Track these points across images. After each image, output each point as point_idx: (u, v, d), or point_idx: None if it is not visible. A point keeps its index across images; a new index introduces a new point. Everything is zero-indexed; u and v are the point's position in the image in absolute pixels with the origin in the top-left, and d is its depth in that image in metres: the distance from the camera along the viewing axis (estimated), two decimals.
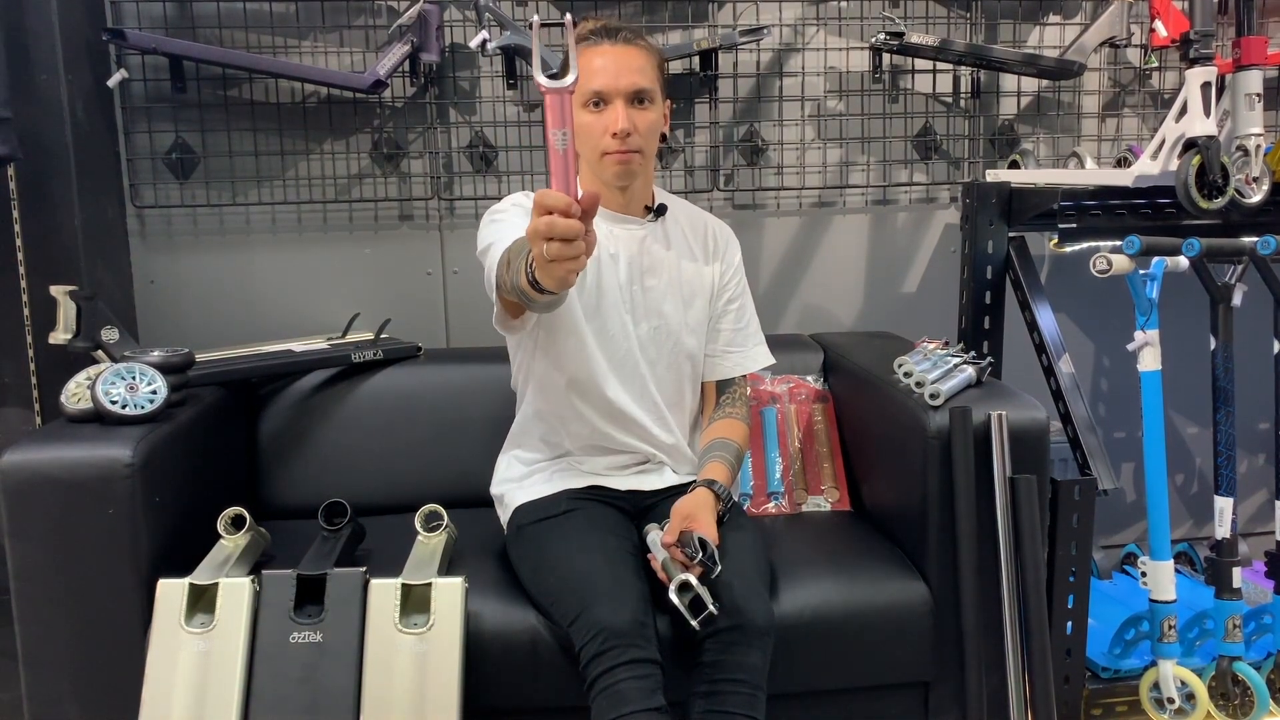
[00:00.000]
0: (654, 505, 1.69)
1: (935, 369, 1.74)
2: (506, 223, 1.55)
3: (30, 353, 2.07)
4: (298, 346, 2.08)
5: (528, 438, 1.77)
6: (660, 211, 1.71)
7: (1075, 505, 1.78)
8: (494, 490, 1.81)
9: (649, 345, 1.68)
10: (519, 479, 1.75)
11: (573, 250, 1.15)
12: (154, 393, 1.64)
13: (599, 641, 1.39)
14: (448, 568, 1.64)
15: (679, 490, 1.68)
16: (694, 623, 1.40)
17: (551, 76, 1.16)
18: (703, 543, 1.44)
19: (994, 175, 2.37)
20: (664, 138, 1.69)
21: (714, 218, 1.81)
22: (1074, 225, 2.09)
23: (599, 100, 1.56)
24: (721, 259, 1.76)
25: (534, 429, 1.75)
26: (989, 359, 1.83)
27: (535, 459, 1.76)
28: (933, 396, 1.67)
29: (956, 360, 1.77)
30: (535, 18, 1.35)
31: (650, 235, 1.69)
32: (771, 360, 1.80)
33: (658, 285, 1.68)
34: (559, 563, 1.54)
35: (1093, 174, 2.23)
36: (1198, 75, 1.90)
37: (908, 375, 1.75)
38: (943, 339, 1.88)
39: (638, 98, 1.57)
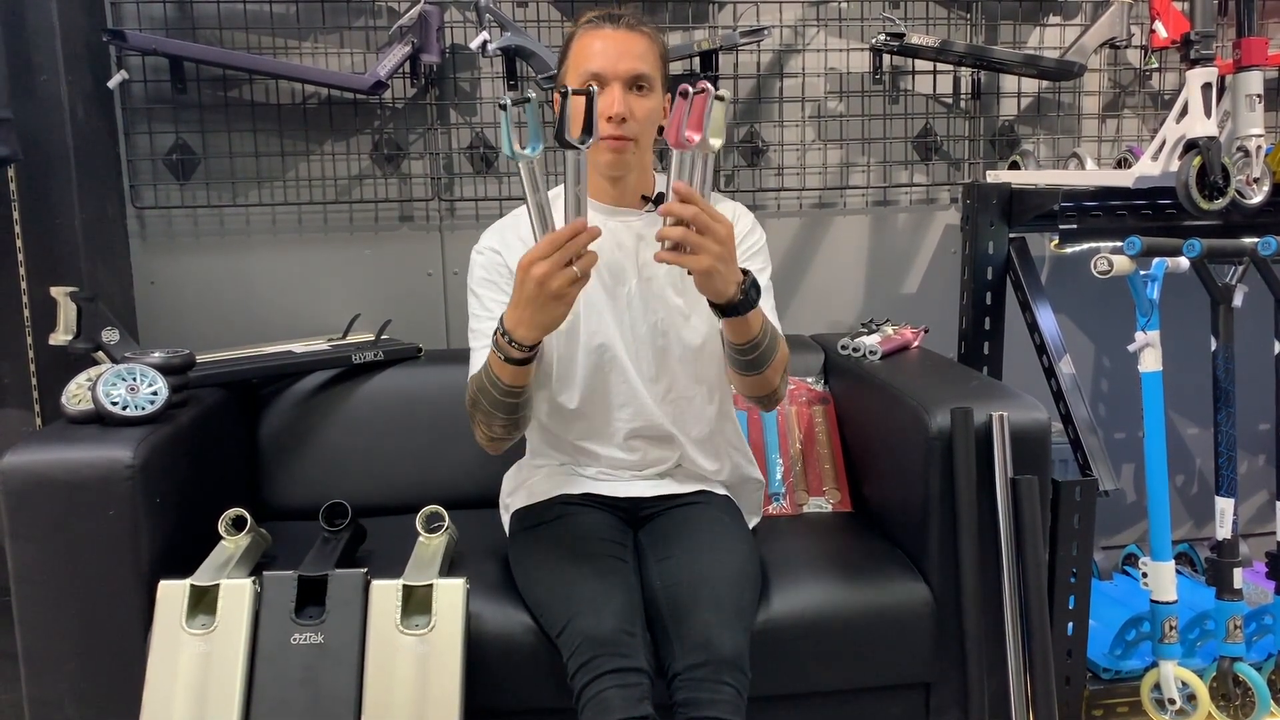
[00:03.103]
0: (655, 514, 1.67)
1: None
2: (483, 314, 1.60)
3: (30, 354, 2.07)
4: (298, 347, 2.08)
5: (534, 442, 1.76)
6: (659, 200, 1.61)
7: (1076, 506, 1.78)
8: (501, 496, 1.81)
9: (656, 338, 1.63)
10: (518, 485, 1.75)
11: (569, 274, 1.31)
12: (154, 394, 1.64)
13: (584, 652, 1.38)
14: (449, 569, 1.63)
15: (681, 499, 1.68)
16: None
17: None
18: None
19: (994, 176, 2.37)
20: (662, 130, 1.62)
21: (731, 201, 1.72)
22: (1074, 226, 2.10)
23: (595, 83, 1.50)
24: None
25: (538, 434, 1.73)
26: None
27: (540, 464, 1.74)
28: (872, 352, 2.04)
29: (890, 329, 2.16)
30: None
31: (647, 225, 1.63)
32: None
33: (658, 276, 1.63)
34: (547, 572, 1.53)
35: (1093, 175, 2.23)
36: (1198, 76, 1.90)
37: (856, 350, 2.08)
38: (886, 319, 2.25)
39: (636, 83, 1.53)
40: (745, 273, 1.42)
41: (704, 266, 1.35)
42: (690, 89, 1.33)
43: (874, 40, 2.30)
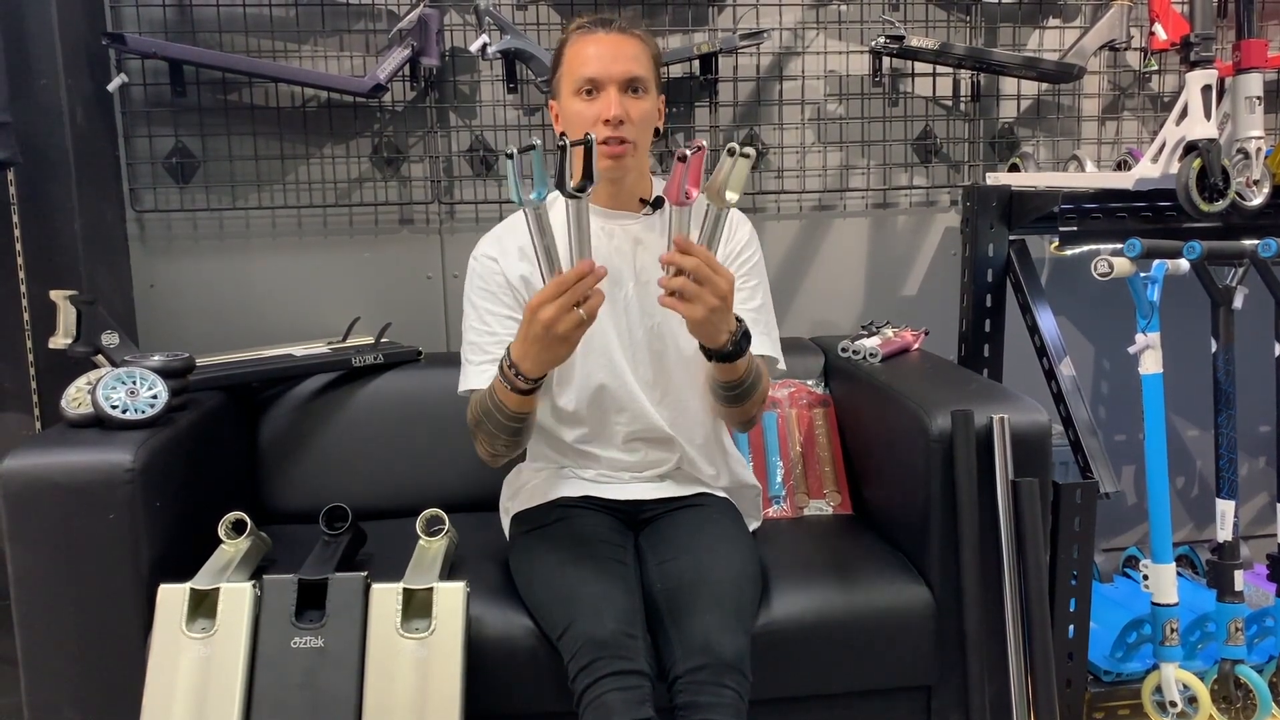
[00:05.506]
0: (655, 516, 1.67)
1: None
2: (481, 327, 1.61)
3: (30, 357, 2.07)
4: (298, 351, 2.07)
5: (534, 446, 1.75)
6: (658, 204, 1.64)
7: (1077, 508, 1.78)
8: (501, 500, 1.81)
9: (653, 341, 1.64)
10: (517, 489, 1.75)
11: (575, 318, 1.34)
12: (154, 397, 1.64)
13: (584, 654, 1.38)
14: (449, 572, 1.63)
15: (681, 501, 1.68)
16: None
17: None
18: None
19: (994, 178, 2.37)
20: (658, 133, 1.65)
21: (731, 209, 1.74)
22: (1074, 228, 2.10)
23: (591, 88, 1.54)
24: (726, 244, 1.65)
25: (538, 437, 1.73)
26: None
27: (540, 467, 1.74)
28: (872, 355, 2.04)
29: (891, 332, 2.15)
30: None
31: (644, 229, 1.64)
32: (780, 359, 1.69)
33: (655, 280, 1.58)
34: (547, 575, 1.53)
35: (1093, 177, 2.23)
36: (1198, 78, 1.90)
37: (856, 353, 2.07)
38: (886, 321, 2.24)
39: (631, 86, 1.54)
40: (739, 320, 1.45)
41: (698, 316, 1.38)
42: (687, 152, 1.35)
43: (873, 43, 2.30)
